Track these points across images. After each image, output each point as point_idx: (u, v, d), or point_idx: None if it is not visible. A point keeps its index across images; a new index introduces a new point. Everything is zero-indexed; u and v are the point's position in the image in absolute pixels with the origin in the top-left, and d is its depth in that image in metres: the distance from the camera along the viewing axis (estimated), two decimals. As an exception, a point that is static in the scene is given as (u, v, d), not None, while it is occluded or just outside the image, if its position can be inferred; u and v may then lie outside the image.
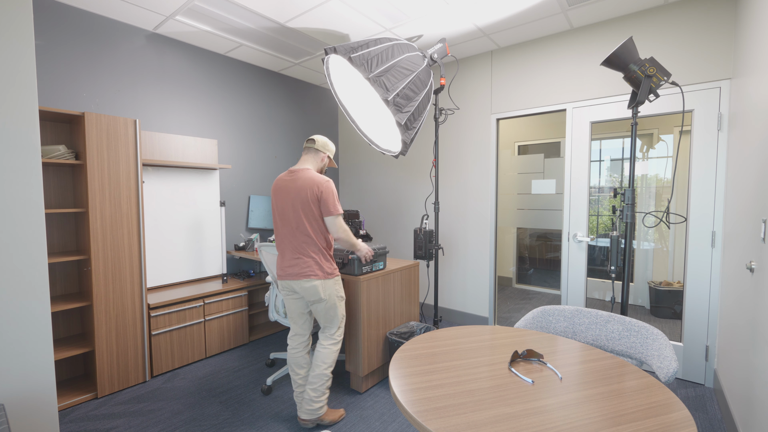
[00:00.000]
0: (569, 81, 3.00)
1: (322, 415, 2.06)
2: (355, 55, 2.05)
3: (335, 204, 1.96)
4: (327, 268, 2.01)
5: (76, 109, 2.64)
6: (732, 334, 2.08)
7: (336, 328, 2.10)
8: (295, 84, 4.19)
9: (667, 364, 1.35)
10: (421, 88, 2.21)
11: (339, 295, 2.08)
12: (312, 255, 1.98)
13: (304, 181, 1.96)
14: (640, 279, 3.82)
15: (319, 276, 1.97)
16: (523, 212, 4.25)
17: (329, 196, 1.94)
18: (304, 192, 1.95)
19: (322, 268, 1.99)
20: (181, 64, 3.20)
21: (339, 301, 2.08)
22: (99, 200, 2.38)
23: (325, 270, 2.00)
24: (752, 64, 1.91)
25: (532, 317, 1.80)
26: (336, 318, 2.08)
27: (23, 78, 1.51)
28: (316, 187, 1.94)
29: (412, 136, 2.27)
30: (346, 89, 2.43)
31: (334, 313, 2.06)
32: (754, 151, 1.78)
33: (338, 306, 2.07)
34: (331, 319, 2.07)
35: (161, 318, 2.69)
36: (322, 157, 2.13)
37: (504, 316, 3.93)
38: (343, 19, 2.79)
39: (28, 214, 1.53)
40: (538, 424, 0.96)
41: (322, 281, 1.99)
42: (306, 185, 1.95)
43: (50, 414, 1.59)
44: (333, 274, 2.03)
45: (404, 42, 2.26)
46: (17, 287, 1.51)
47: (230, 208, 3.63)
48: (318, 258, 1.99)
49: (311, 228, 1.96)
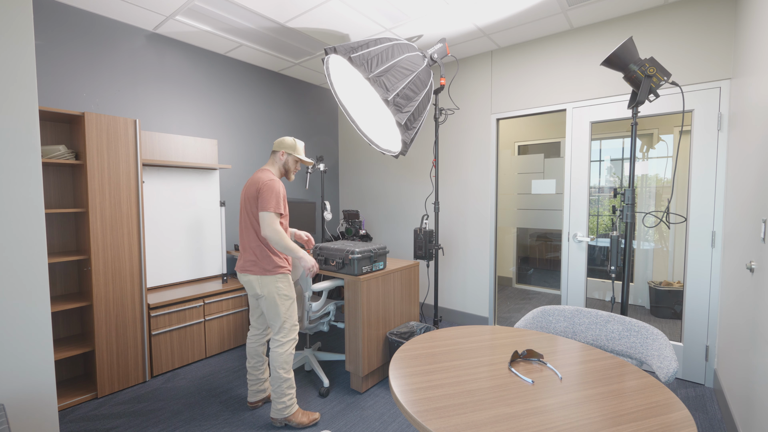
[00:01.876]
0: (569, 81, 3.00)
1: (288, 415, 2.07)
2: (355, 55, 2.05)
3: (269, 201, 1.94)
4: (265, 265, 2.02)
5: (76, 109, 2.64)
6: (732, 334, 2.07)
7: (278, 328, 2.05)
8: (295, 84, 4.19)
9: (667, 364, 1.35)
10: (421, 88, 2.21)
11: (280, 293, 2.03)
12: (251, 250, 2.05)
13: (252, 180, 2.07)
14: (640, 279, 3.82)
15: (254, 271, 2.02)
16: (523, 212, 4.25)
17: (267, 192, 1.95)
18: (249, 189, 2.06)
19: (258, 263, 2.02)
20: (181, 64, 3.20)
21: (280, 299, 2.03)
22: (99, 200, 2.38)
23: (262, 266, 2.02)
24: (752, 64, 1.91)
25: (532, 317, 1.80)
26: (277, 317, 2.04)
27: (23, 78, 1.51)
28: (259, 184, 1.99)
29: (412, 136, 2.27)
30: (346, 89, 2.43)
31: (275, 312, 2.03)
32: (754, 151, 1.78)
33: (279, 304, 2.03)
34: (273, 317, 2.05)
35: (161, 318, 2.69)
36: (279, 156, 2.14)
37: (504, 316, 3.93)
38: (343, 19, 2.79)
39: (27, 214, 1.53)
40: (538, 424, 0.96)
41: (258, 277, 2.02)
42: (251, 183, 2.06)
43: (50, 414, 1.59)
44: (272, 271, 2.02)
45: (404, 42, 2.26)
46: (17, 287, 1.51)
47: (230, 208, 3.63)
48: (257, 253, 2.03)
49: (252, 224, 2.05)
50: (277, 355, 2.04)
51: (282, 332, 2.06)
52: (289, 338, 2.07)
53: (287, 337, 2.06)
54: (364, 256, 2.41)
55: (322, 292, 2.54)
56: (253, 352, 2.23)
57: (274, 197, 1.95)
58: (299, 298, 2.48)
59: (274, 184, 1.98)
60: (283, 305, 2.05)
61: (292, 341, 2.08)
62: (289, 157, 2.16)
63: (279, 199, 1.97)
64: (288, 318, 2.07)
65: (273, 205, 1.94)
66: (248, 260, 2.06)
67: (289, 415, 2.07)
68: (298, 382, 2.62)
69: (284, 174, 2.20)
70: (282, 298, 2.04)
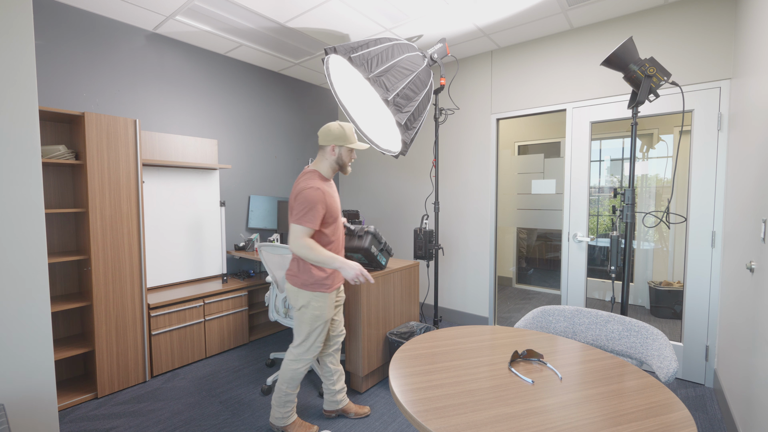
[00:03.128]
0: (569, 81, 3.00)
1: (284, 426, 2.00)
2: (355, 55, 2.05)
3: (300, 212, 1.75)
4: (305, 279, 1.87)
5: (76, 109, 2.64)
6: (732, 334, 2.07)
7: (298, 343, 1.94)
8: (295, 84, 4.19)
9: (667, 364, 1.35)
10: (421, 88, 2.21)
11: (313, 313, 1.88)
12: (294, 260, 1.92)
13: (295, 185, 1.88)
14: (640, 279, 3.82)
15: (293, 282, 1.90)
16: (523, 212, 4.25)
17: (301, 202, 1.76)
18: (291, 196, 1.88)
19: (298, 276, 1.88)
20: (181, 64, 3.20)
21: (310, 318, 1.88)
22: (99, 200, 2.38)
23: (301, 279, 1.88)
24: (752, 64, 1.91)
25: (532, 317, 1.80)
26: (302, 332, 1.92)
27: (23, 78, 1.51)
28: (296, 192, 1.81)
29: (412, 136, 2.27)
30: (346, 89, 2.43)
31: (301, 329, 1.92)
32: (754, 151, 1.78)
33: (307, 323, 1.89)
34: (298, 331, 1.94)
35: (161, 318, 2.69)
36: (329, 152, 1.89)
37: (504, 316, 3.93)
38: (343, 19, 2.79)
39: (27, 214, 1.53)
40: (538, 424, 0.96)
41: (296, 290, 1.89)
42: (294, 190, 1.87)
43: (50, 414, 1.59)
44: (310, 287, 1.86)
45: (404, 42, 2.26)
46: (17, 287, 1.51)
47: (230, 208, 3.63)
48: (298, 265, 1.90)
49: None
50: (288, 369, 1.94)
51: (301, 348, 1.94)
52: (306, 357, 1.94)
53: (304, 355, 1.94)
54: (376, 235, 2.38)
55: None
56: (321, 363, 2.16)
57: (307, 209, 1.75)
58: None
59: (311, 193, 1.76)
60: (310, 325, 1.90)
61: (308, 361, 1.95)
62: (342, 149, 1.89)
63: (314, 212, 1.75)
64: (312, 337, 1.92)
65: (304, 219, 1.74)
66: (290, 270, 1.93)
67: (286, 425, 2.01)
68: (298, 382, 2.62)
69: (339, 169, 1.95)
70: (313, 318, 1.89)
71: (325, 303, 1.90)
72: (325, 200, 1.80)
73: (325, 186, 1.86)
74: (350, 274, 1.74)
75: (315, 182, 1.81)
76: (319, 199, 1.77)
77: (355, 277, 1.74)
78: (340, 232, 1.98)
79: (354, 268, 1.74)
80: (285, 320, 2.51)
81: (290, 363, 1.95)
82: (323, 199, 1.79)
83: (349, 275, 1.74)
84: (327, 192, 1.83)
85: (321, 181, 1.85)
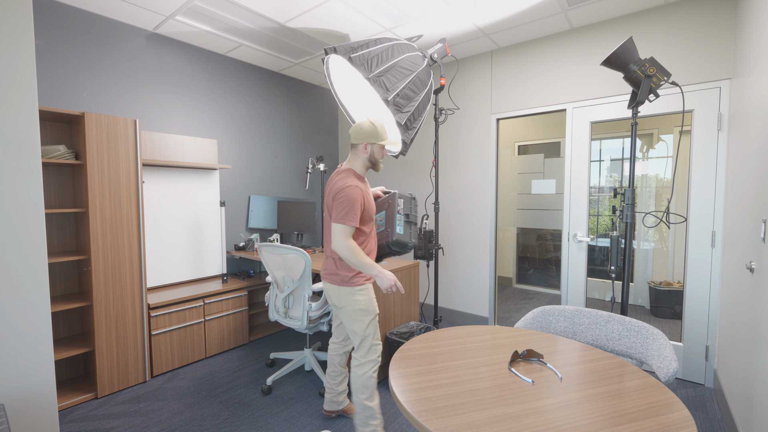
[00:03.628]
0: (569, 81, 3.00)
1: None
2: (355, 55, 2.05)
3: (343, 212, 1.73)
4: (344, 274, 1.84)
5: (76, 109, 2.64)
6: (732, 334, 2.07)
7: (358, 346, 1.87)
8: (295, 84, 4.19)
9: (667, 364, 1.35)
10: (421, 88, 2.21)
11: (359, 308, 1.83)
12: (331, 258, 1.89)
13: (330, 182, 1.89)
14: (640, 279, 3.82)
15: (331, 281, 1.87)
16: (523, 212, 4.25)
17: (342, 201, 1.74)
18: (328, 193, 1.88)
19: (337, 273, 1.85)
20: (181, 64, 3.20)
21: (359, 314, 1.83)
22: (99, 200, 2.38)
23: (340, 276, 1.84)
24: (752, 64, 1.91)
25: (532, 317, 1.80)
26: (356, 334, 1.86)
27: (23, 78, 1.51)
28: (335, 189, 1.79)
29: (412, 136, 2.26)
30: (346, 89, 2.43)
31: (353, 328, 1.86)
32: (754, 151, 1.78)
33: (357, 320, 1.84)
34: (353, 333, 1.87)
35: (161, 318, 2.69)
36: (361, 150, 1.86)
37: (504, 316, 3.93)
38: (343, 19, 2.79)
39: (27, 214, 1.53)
40: (538, 424, 0.96)
41: (336, 287, 1.85)
42: (329, 186, 1.87)
43: (50, 414, 1.59)
44: (350, 282, 1.83)
45: (404, 42, 2.26)
46: (17, 287, 1.51)
47: (230, 208, 3.63)
48: (336, 262, 1.86)
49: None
50: (356, 377, 1.85)
51: (361, 350, 1.87)
52: (369, 358, 1.86)
53: (367, 357, 1.86)
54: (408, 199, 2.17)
55: (322, 292, 2.54)
56: (331, 361, 2.12)
57: (348, 207, 1.73)
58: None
59: (351, 192, 1.74)
60: (361, 321, 1.84)
61: (373, 362, 1.86)
62: (374, 146, 1.86)
63: (354, 210, 1.74)
64: (368, 335, 1.86)
65: (347, 217, 1.72)
66: (327, 268, 1.90)
67: None
68: (298, 381, 2.62)
69: (371, 167, 1.92)
70: (360, 314, 1.83)
71: (369, 295, 1.87)
72: (363, 198, 1.79)
73: (362, 183, 1.85)
74: (384, 284, 1.74)
75: (352, 180, 1.80)
76: (358, 197, 1.75)
77: (389, 287, 1.75)
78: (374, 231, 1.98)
79: (389, 279, 1.74)
80: (285, 320, 2.51)
81: (356, 370, 1.87)
82: (362, 197, 1.78)
83: (383, 285, 1.74)
84: (364, 189, 1.82)
85: (357, 180, 1.83)
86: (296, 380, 2.64)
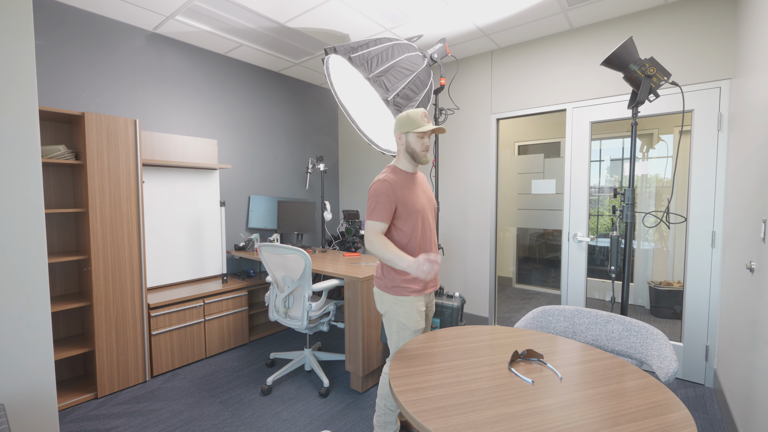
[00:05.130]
0: (569, 81, 3.00)
1: None
2: (355, 55, 2.05)
3: (369, 208, 1.68)
4: (387, 281, 1.75)
5: (76, 109, 2.64)
6: (732, 334, 2.07)
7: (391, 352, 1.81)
8: (295, 84, 4.19)
9: (667, 364, 1.35)
10: (421, 88, 2.21)
11: (398, 320, 1.73)
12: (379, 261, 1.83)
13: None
14: (640, 279, 3.82)
15: (378, 285, 1.80)
16: (523, 212, 4.25)
17: (369, 197, 1.70)
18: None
19: (382, 278, 1.78)
20: (181, 64, 3.20)
21: (397, 326, 1.74)
22: (99, 200, 2.38)
23: (383, 281, 1.77)
24: (752, 64, 1.91)
25: (532, 317, 1.80)
26: (390, 340, 1.79)
27: (23, 78, 1.51)
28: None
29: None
30: (346, 89, 2.43)
31: (389, 336, 1.78)
32: (754, 151, 1.78)
33: (393, 330, 1.75)
34: (388, 338, 1.80)
35: (161, 318, 2.69)
36: (398, 140, 1.76)
37: (504, 316, 3.93)
38: (343, 19, 2.79)
39: (27, 214, 1.53)
40: (538, 424, 0.96)
41: (381, 293, 1.78)
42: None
43: (50, 414, 1.59)
44: (391, 291, 1.74)
45: (404, 42, 2.26)
46: (17, 287, 1.51)
47: (230, 208, 3.63)
48: (381, 266, 1.80)
49: None
50: (384, 383, 1.83)
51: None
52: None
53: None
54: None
55: (322, 292, 2.54)
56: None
57: (373, 203, 1.67)
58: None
59: (376, 186, 1.68)
60: (398, 334, 1.74)
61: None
62: (408, 135, 1.71)
63: (380, 205, 1.66)
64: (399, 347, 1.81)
65: (373, 213, 1.66)
66: (376, 272, 1.84)
67: None
68: (298, 381, 2.62)
69: (413, 158, 1.75)
70: (398, 326, 1.73)
71: (410, 309, 1.72)
72: (392, 192, 1.67)
73: (397, 177, 1.72)
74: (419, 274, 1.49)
75: (383, 175, 1.72)
76: (384, 191, 1.66)
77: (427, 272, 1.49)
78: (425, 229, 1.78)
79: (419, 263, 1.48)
80: (285, 320, 2.51)
81: (386, 375, 1.85)
82: (390, 190, 1.66)
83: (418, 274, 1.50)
84: (397, 183, 1.69)
85: (392, 174, 1.73)
86: (296, 380, 2.64)
